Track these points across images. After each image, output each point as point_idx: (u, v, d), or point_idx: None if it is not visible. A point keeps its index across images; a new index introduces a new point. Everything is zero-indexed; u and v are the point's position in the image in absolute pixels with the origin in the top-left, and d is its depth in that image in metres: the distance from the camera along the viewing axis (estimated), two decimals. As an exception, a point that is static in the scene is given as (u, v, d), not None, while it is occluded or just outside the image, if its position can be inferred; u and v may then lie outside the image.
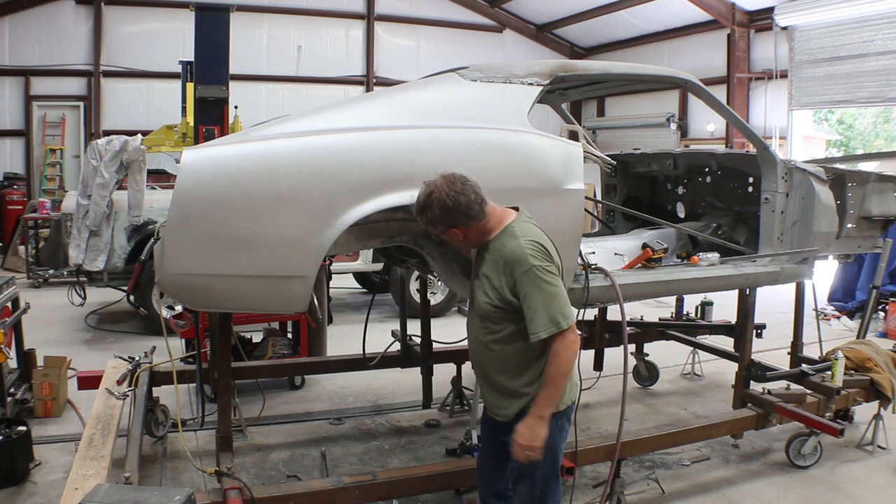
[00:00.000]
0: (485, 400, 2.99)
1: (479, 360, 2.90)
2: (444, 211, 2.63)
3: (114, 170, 7.15)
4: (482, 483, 3.10)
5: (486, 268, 2.75)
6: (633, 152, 5.81)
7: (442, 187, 2.63)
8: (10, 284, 5.06)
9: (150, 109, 14.55)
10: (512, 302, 2.66)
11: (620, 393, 3.35)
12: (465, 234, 2.72)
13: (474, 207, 2.65)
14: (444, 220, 2.66)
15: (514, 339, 2.74)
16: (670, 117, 15.67)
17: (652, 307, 7.56)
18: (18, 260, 11.32)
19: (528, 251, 2.62)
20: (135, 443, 3.69)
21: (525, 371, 2.77)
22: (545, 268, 2.61)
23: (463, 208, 2.63)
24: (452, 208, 2.62)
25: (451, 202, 2.61)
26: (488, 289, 2.72)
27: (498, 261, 2.69)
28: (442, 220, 2.66)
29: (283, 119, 3.30)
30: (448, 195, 2.62)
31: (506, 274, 2.66)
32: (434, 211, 2.64)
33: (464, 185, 2.64)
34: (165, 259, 2.89)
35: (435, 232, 2.77)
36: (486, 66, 3.61)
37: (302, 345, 6.07)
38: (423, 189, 2.69)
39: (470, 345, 2.97)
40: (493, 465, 3.03)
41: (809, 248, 4.40)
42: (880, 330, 8.27)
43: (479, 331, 2.83)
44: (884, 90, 11.80)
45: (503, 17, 18.31)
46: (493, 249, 2.73)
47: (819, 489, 4.26)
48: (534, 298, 2.59)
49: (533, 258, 2.61)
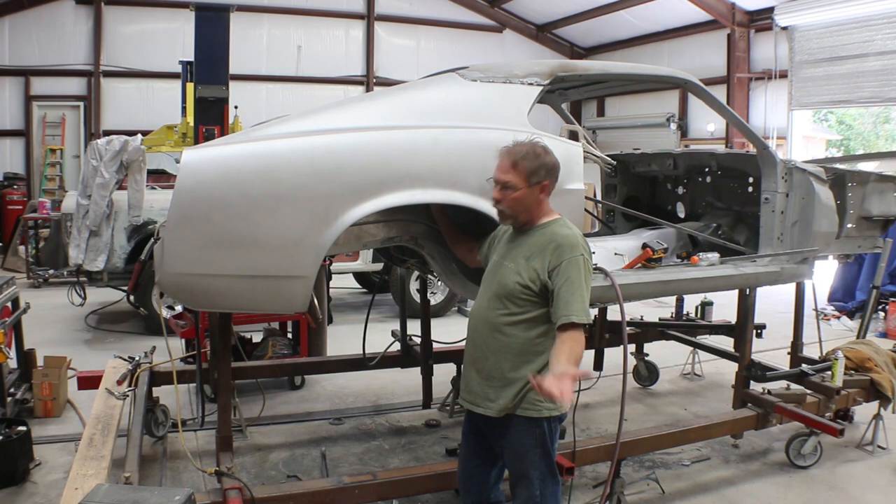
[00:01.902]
0: (469, 391, 2.93)
1: (483, 344, 2.87)
2: (548, 165, 2.78)
3: (114, 170, 7.15)
4: (466, 493, 3.09)
5: (526, 250, 2.79)
6: (633, 152, 5.80)
7: (537, 146, 2.80)
8: (10, 284, 5.06)
9: (150, 109, 14.55)
10: (546, 284, 2.71)
11: (620, 393, 3.35)
12: (523, 195, 2.77)
13: (552, 175, 2.80)
14: (545, 174, 2.77)
15: (528, 326, 2.77)
16: (670, 117, 15.67)
17: (652, 307, 7.55)
18: (18, 260, 11.32)
19: (580, 242, 2.73)
20: (135, 443, 3.69)
21: (526, 363, 2.77)
22: (590, 263, 2.74)
23: (549, 167, 2.78)
24: (553, 164, 2.79)
25: (551, 160, 2.79)
26: (523, 269, 2.75)
27: (547, 244, 2.74)
28: (542, 174, 2.77)
29: (283, 119, 3.30)
30: (543, 151, 2.79)
31: (553, 255, 2.70)
32: (527, 153, 2.76)
33: (547, 150, 2.81)
34: (165, 259, 2.89)
35: (504, 179, 2.78)
36: (486, 66, 3.61)
37: (302, 345, 6.07)
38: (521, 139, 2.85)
39: (475, 328, 2.92)
40: (477, 474, 3.02)
41: (809, 248, 4.40)
42: (880, 330, 8.27)
43: (494, 312, 2.82)
44: (884, 90, 11.80)
45: (503, 17, 18.31)
46: (542, 234, 2.79)
47: (819, 489, 4.26)
48: (575, 284, 2.65)
49: (584, 249, 2.72)
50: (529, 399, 2.76)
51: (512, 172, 2.76)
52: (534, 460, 2.82)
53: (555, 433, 2.87)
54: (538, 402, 2.75)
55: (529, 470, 2.82)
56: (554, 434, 2.86)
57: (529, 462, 2.83)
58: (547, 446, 2.82)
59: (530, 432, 2.80)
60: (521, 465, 2.85)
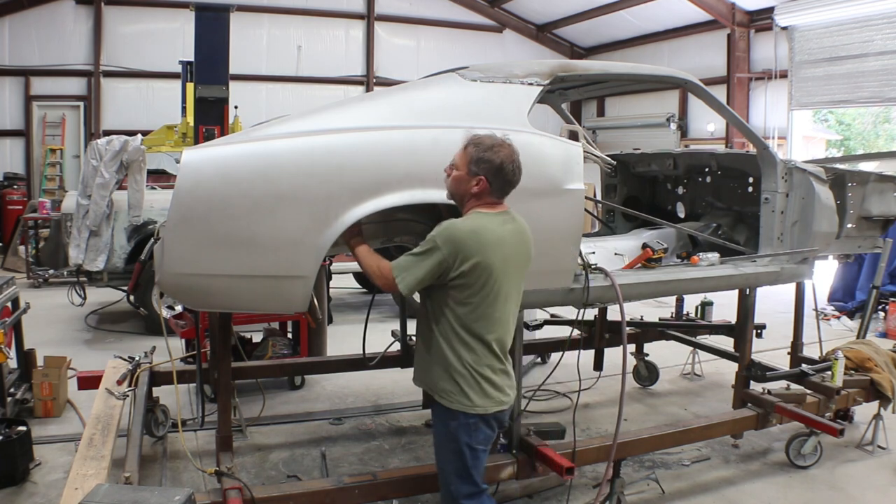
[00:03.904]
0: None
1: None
2: (485, 150, 2.76)
3: (114, 170, 7.15)
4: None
5: None
6: (633, 152, 5.81)
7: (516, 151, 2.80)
8: (10, 284, 5.05)
9: (150, 109, 14.55)
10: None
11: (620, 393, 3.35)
12: (460, 178, 2.81)
13: (491, 175, 2.75)
14: (496, 171, 2.77)
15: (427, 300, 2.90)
16: (670, 117, 15.67)
17: (652, 307, 7.55)
18: (18, 260, 11.32)
19: (446, 227, 2.73)
20: (135, 443, 3.69)
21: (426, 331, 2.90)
22: (434, 245, 2.69)
23: (492, 166, 2.75)
24: (509, 169, 2.77)
25: (496, 154, 2.76)
26: None
27: None
28: (473, 155, 2.78)
29: (283, 119, 3.30)
30: (502, 151, 2.77)
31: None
32: (482, 143, 2.78)
33: (508, 154, 2.77)
34: (165, 259, 2.89)
35: (454, 157, 2.85)
36: (486, 66, 3.61)
37: (302, 345, 6.07)
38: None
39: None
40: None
41: (809, 248, 4.40)
42: (880, 330, 8.27)
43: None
44: (884, 90, 11.80)
45: (503, 17, 18.31)
46: None
47: (819, 489, 4.26)
48: (415, 251, 2.75)
49: (442, 234, 2.70)
50: (443, 387, 2.80)
51: (461, 153, 2.81)
52: (446, 455, 2.85)
53: (474, 433, 2.81)
54: (449, 392, 2.78)
55: (442, 464, 2.88)
56: (473, 433, 2.80)
57: (442, 455, 2.88)
58: (459, 443, 2.80)
59: (443, 422, 2.83)
60: (437, 457, 2.91)
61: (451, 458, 2.83)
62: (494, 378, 2.81)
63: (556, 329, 6.20)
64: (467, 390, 2.76)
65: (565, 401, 5.55)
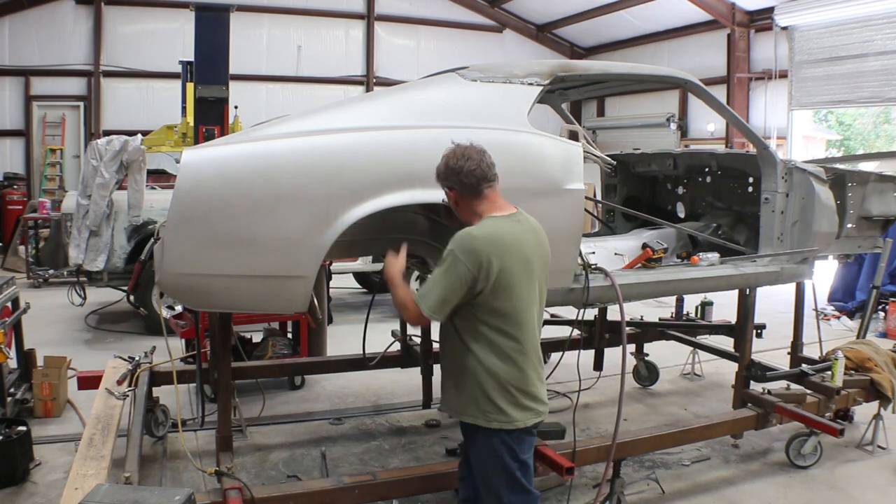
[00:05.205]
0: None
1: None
2: (445, 167, 2.74)
3: (114, 170, 7.15)
4: (462, 488, 3.11)
5: None
6: (633, 152, 5.81)
7: (458, 149, 2.75)
8: (10, 284, 5.05)
9: (150, 109, 14.54)
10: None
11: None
12: (456, 201, 2.80)
13: (472, 179, 2.71)
14: (444, 176, 2.76)
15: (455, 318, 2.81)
16: (670, 117, 15.66)
17: (652, 307, 7.55)
18: (18, 260, 11.32)
19: (462, 238, 2.66)
20: (135, 443, 3.69)
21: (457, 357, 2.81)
22: (454, 258, 2.63)
23: (463, 173, 2.71)
24: (453, 168, 2.72)
25: (454, 163, 2.72)
26: None
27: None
28: (442, 176, 2.77)
29: (283, 119, 3.30)
30: (456, 155, 2.73)
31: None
32: (440, 165, 2.76)
33: (477, 156, 2.73)
34: (165, 259, 2.89)
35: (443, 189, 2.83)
36: (486, 66, 3.61)
37: (302, 345, 6.07)
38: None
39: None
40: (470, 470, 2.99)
41: (809, 248, 4.40)
42: (880, 330, 8.26)
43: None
44: (884, 90, 11.79)
45: (503, 17, 18.30)
46: None
47: (819, 489, 4.26)
48: (435, 274, 2.69)
49: (460, 245, 2.64)
50: (482, 408, 2.72)
51: (438, 181, 2.81)
52: (493, 473, 2.78)
53: (518, 446, 2.77)
54: (487, 412, 2.71)
55: (489, 482, 2.80)
56: (516, 447, 2.77)
57: (488, 474, 2.80)
58: (504, 460, 2.75)
59: (484, 441, 2.77)
60: (482, 475, 2.84)
61: (500, 474, 2.77)
62: (532, 389, 2.76)
63: (556, 329, 6.20)
64: (505, 406, 2.70)
65: (565, 401, 5.55)
